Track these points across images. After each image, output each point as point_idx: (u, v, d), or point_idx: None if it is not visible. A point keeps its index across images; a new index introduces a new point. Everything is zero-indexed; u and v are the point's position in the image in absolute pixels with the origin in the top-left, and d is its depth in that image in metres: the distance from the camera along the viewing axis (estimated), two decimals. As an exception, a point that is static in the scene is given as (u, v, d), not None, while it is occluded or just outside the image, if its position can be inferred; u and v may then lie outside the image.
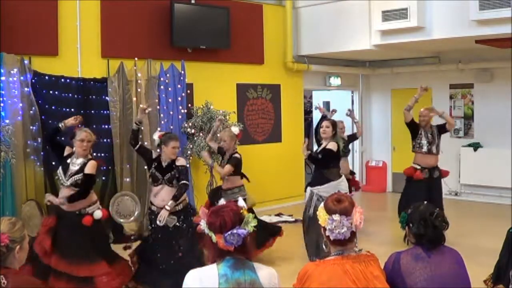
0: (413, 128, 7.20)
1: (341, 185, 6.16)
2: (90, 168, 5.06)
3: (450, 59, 10.15)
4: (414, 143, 7.22)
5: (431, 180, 7.08)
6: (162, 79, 7.93)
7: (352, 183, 8.00)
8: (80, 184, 5.02)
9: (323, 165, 6.19)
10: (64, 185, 5.05)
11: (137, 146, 5.57)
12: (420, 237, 2.88)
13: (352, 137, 8.22)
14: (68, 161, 5.11)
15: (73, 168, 5.07)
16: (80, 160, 5.10)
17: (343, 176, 6.35)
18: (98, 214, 5.16)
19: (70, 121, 5.39)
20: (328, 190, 5.71)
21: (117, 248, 5.91)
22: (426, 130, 7.16)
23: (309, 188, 6.28)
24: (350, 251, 2.60)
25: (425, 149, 7.11)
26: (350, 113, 8.32)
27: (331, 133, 6.19)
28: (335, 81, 10.96)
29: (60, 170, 5.13)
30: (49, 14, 7.05)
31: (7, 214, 6.12)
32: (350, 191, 7.44)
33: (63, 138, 5.53)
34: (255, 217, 2.50)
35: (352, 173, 8.44)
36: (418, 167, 7.10)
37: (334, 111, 7.96)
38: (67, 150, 5.20)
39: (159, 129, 7.27)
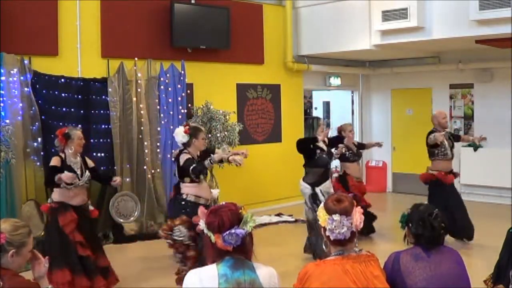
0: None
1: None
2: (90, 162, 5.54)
3: (450, 59, 10.14)
4: (437, 151, 6.85)
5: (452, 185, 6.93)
6: (162, 79, 7.94)
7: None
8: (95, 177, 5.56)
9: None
10: (79, 186, 5.22)
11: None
12: (418, 237, 2.88)
13: (362, 146, 7.94)
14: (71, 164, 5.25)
15: (77, 167, 5.24)
16: (77, 159, 5.32)
17: None
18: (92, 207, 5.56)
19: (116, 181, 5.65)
20: (329, 186, 6.46)
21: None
22: (445, 135, 6.90)
23: (318, 188, 6.31)
24: (350, 251, 2.60)
25: (449, 155, 6.88)
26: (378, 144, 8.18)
27: None
28: (335, 81, 10.96)
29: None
30: (49, 14, 7.06)
31: (7, 215, 6.11)
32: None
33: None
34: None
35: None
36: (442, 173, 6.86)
37: (379, 144, 7.91)
38: (56, 162, 5.19)
39: (183, 125, 6.83)
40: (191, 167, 5.12)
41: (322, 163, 6.38)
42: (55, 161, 5.19)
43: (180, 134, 5.35)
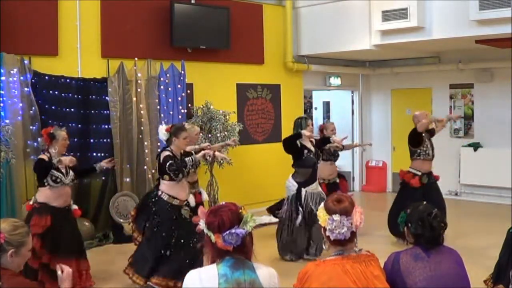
0: (418, 137, 6.94)
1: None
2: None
3: (450, 59, 10.14)
4: (419, 151, 6.94)
5: (428, 185, 6.97)
6: (162, 79, 7.94)
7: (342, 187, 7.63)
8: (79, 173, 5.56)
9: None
10: (65, 183, 5.25)
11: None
12: (418, 237, 2.88)
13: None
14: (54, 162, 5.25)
15: (62, 167, 5.26)
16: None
17: None
18: (75, 207, 5.56)
19: (104, 164, 5.69)
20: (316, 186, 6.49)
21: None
22: (425, 136, 7.00)
23: (304, 189, 6.38)
24: (350, 251, 2.60)
25: (430, 155, 6.96)
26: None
27: None
28: (335, 81, 10.96)
29: (55, 173, 5.20)
30: (49, 14, 7.06)
31: (7, 215, 6.11)
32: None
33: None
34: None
35: (340, 175, 7.88)
36: (419, 173, 6.95)
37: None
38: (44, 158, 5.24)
39: (163, 123, 7.18)
40: (168, 164, 5.18)
41: (309, 163, 6.42)
42: (42, 157, 5.25)
43: (161, 132, 5.45)
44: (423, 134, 6.96)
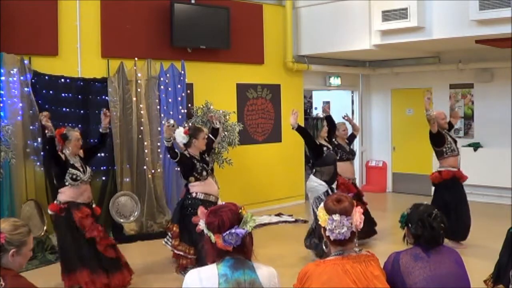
0: (439, 135, 6.80)
1: None
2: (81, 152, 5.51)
3: (450, 59, 10.14)
4: (444, 149, 6.81)
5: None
6: (162, 79, 7.94)
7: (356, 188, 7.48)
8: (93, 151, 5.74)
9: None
10: (84, 181, 5.28)
11: (177, 158, 5.37)
12: (418, 238, 2.88)
13: (352, 137, 7.82)
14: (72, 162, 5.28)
15: (78, 165, 5.29)
16: (77, 158, 5.34)
17: None
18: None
19: (104, 122, 5.67)
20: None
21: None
22: (445, 132, 6.92)
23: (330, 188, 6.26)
24: (350, 251, 2.60)
25: (456, 151, 6.88)
26: (347, 118, 8.16)
27: None
28: (335, 81, 10.96)
29: (73, 171, 5.22)
30: (49, 14, 7.06)
31: (7, 215, 6.12)
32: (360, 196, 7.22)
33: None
34: None
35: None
36: (454, 169, 6.83)
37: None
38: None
39: (182, 126, 6.77)
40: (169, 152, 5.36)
41: (330, 160, 6.35)
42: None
43: (180, 135, 5.42)
44: (443, 132, 6.85)
